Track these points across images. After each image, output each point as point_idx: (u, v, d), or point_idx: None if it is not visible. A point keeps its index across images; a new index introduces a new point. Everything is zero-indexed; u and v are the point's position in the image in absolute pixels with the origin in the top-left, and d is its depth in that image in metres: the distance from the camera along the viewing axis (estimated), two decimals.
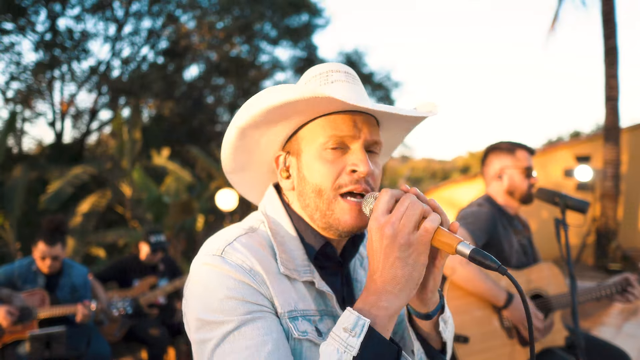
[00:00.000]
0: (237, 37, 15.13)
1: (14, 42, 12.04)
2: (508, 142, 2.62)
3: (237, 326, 0.97)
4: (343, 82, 1.14)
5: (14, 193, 9.54)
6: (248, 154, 1.22)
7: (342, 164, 1.07)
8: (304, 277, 1.10)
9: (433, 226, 0.91)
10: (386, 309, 0.92)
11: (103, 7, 12.75)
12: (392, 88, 19.39)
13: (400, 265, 0.91)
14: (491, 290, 2.28)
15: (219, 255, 1.04)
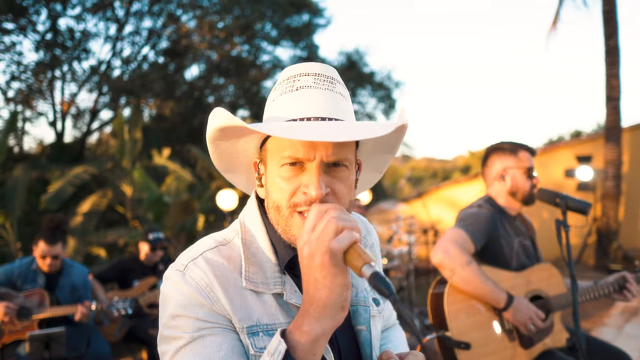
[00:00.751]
0: (238, 37, 15.13)
1: (15, 42, 12.05)
2: (510, 143, 2.61)
3: (186, 343, 1.00)
4: (310, 88, 1.07)
5: (14, 193, 9.55)
6: (230, 158, 1.20)
7: (298, 183, 1.03)
8: (273, 290, 1.08)
9: (338, 247, 0.84)
10: (308, 334, 0.89)
11: (104, 6, 12.76)
12: (393, 88, 19.38)
13: (317, 287, 0.87)
14: (491, 292, 2.28)
15: (181, 271, 1.06)
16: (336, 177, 1.04)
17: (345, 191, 1.05)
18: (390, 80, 19.26)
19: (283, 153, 1.03)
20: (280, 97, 1.09)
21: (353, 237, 0.85)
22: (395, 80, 19.43)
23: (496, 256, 2.48)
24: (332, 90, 1.08)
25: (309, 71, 1.09)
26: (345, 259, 0.86)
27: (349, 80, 18.15)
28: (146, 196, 10.12)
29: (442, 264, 2.34)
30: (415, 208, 11.40)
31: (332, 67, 1.14)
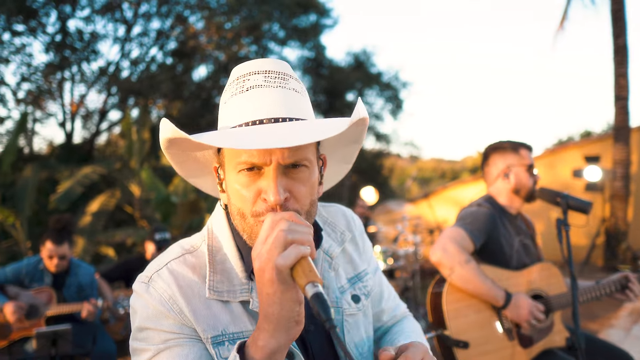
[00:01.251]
0: (245, 38, 15.18)
1: (25, 44, 12.19)
2: (509, 141, 2.62)
3: (153, 355, 1.01)
4: (261, 87, 1.03)
5: (24, 193, 9.66)
6: (191, 164, 1.18)
7: (256, 189, 1.00)
8: (240, 298, 1.08)
9: (284, 264, 0.82)
10: (262, 349, 0.87)
11: (112, 8, 12.86)
12: (400, 88, 19.38)
13: (269, 302, 0.86)
14: (490, 290, 2.28)
15: (145, 283, 1.07)
16: (295, 179, 1.01)
17: (305, 192, 1.02)
18: (397, 81, 19.29)
19: (239, 159, 1.00)
20: (231, 98, 1.05)
21: (299, 253, 0.83)
22: (403, 80, 19.49)
23: (496, 255, 2.48)
24: (285, 87, 1.05)
25: (258, 69, 1.05)
26: (292, 275, 0.83)
27: (356, 80, 18.17)
28: (154, 196, 10.19)
29: (441, 262, 2.35)
30: (422, 208, 11.39)
31: (286, 62, 1.11)
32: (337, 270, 1.26)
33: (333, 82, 17.80)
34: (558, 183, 10.22)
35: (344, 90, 18.33)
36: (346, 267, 1.29)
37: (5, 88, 12.29)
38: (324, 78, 18.36)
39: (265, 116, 0.99)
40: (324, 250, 1.25)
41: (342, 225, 1.36)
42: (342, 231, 1.33)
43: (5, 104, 12.62)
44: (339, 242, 1.30)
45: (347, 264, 1.30)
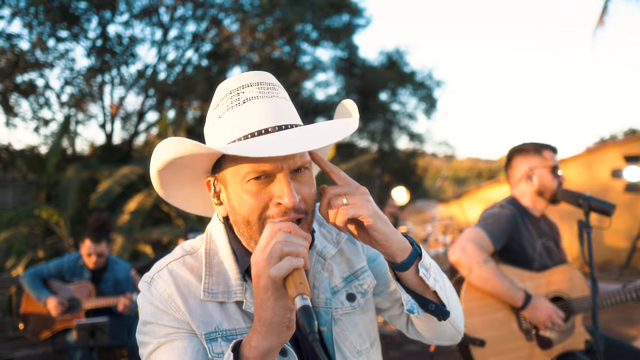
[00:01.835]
0: (279, 39, 15.36)
1: (68, 49, 12.70)
2: (533, 143, 2.61)
3: (156, 347, 1.10)
4: (257, 98, 1.07)
5: (67, 192, 10.08)
6: (175, 189, 1.23)
7: (268, 195, 1.04)
8: (234, 298, 1.14)
9: (277, 275, 0.88)
10: (255, 349, 0.94)
11: (150, 12, 13.24)
12: (434, 87, 19.17)
13: (263, 307, 0.92)
14: (508, 290, 2.28)
15: (147, 283, 1.16)
16: (302, 182, 1.07)
17: (311, 193, 1.09)
18: (431, 80, 19.07)
19: (247, 168, 1.03)
20: (227, 112, 1.08)
21: (292, 265, 0.88)
22: (437, 79, 19.23)
23: (518, 256, 2.48)
24: (277, 97, 1.09)
25: (250, 82, 1.09)
26: (284, 285, 0.89)
27: (389, 80, 18.08)
28: None
29: (459, 262, 2.37)
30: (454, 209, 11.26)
31: (267, 73, 1.14)
32: (331, 271, 1.28)
33: (366, 82, 17.78)
34: (596, 183, 9.94)
35: (377, 90, 18.28)
36: (342, 266, 1.32)
37: (50, 92, 12.84)
38: (356, 78, 18.36)
39: (270, 125, 1.04)
40: (317, 251, 1.28)
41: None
42: (338, 232, 1.35)
43: (50, 107, 13.19)
44: (335, 243, 1.32)
45: (343, 263, 1.32)
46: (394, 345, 5.63)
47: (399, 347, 5.60)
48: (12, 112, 12.70)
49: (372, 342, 1.32)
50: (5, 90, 12.31)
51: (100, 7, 12.46)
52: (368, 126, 19.33)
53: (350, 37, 17.66)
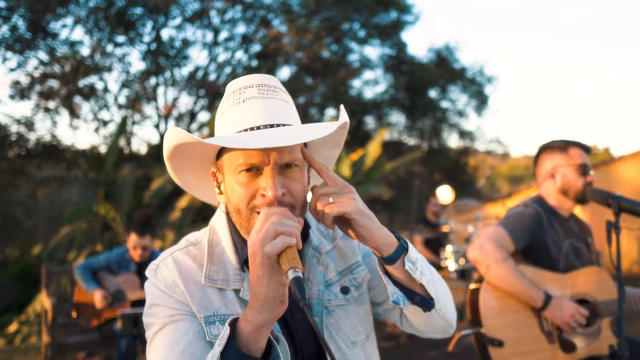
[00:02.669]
0: (326, 38, 15.45)
1: (125, 53, 13.34)
2: (561, 140, 2.53)
3: (160, 327, 1.18)
4: (255, 99, 1.16)
5: (123, 189, 10.61)
6: (185, 174, 1.33)
7: (255, 186, 1.13)
8: (232, 286, 1.22)
9: (272, 251, 0.96)
10: (250, 323, 1.00)
11: (201, 16, 13.68)
12: (485, 83, 18.67)
13: (258, 283, 0.99)
14: (528, 290, 2.24)
15: (154, 270, 1.26)
16: (290, 177, 1.14)
17: (299, 189, 1.16)
18: (482, 76, 18.57)
19: (239, 160, 1.13)
20: (228, 110, 1.18)
21: (286, 243, 0.96)
22: (488, 75, 18.70)
23: (542, 257, 2.43)
24: (276, 98, 1.18)
25: (252, 83, 1.19)
26: (278, 261, 0.97)
27: (438, 77, 17.80)
28: None
29: (477, 260, 2.34)
30: (501, 209, 10.97)
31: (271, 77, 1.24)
32: (327, 265, 1.34)
33: (414, 80, 17.55)
34: None
35: (425, 87, 18.01)
36: (337, 260, 1.37)
37: (109, 94, 13.53)
38: (405, 75, 18.17)
39: (262, 123, 1.13)
40: (314, 246, 1.35)
41: None
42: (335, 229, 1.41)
43: (109, 108, 13.90)
44: (331, 239, 1.39)
45: (339, 258, 1.38)
46: (434, 345, 5.60)
47: (438, 347, 5.56)
48: (75, 114, 13.48)
49: (368, 335, 1.37)
50: (69, 94, 13.08)
51: (153, 12, 12.98)
52: (417, 124, 19.11)
53: (399, 34, 17.50)
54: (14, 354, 5.85)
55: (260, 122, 1.13)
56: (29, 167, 13.82)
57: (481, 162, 30.76)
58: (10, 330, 9.53)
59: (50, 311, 4.23)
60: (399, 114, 19.29)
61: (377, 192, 11.18)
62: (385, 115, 18.94)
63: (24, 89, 12.43)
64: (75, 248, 10.21)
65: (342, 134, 1.30)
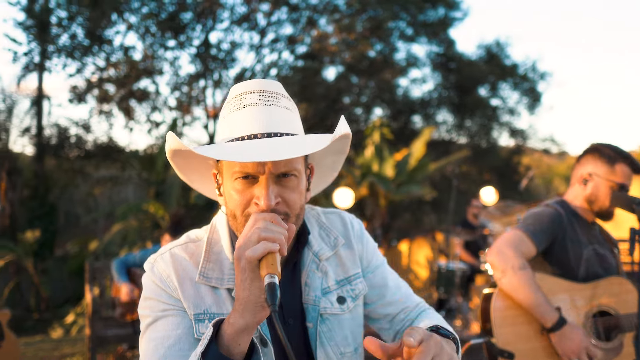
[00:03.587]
0: (372, 37, 15.36)
1: (176, 57, 13.81)
2: (615, 150, 2.31)
3: (153, 320, 1.20)
4: (256, 105, 1.17)
5: (172, 189, 11.01)
6: (190, 171, 1.36)
7: (250, 194, 1.15)
8: (226, 285, 1.24)
9: (252, 255, 0.98)
10: (232, 325, 1.02)
11: (248, 18, 13.94)
12: (538, 80, 17.95)
13: (241, 287, 1.01)
14: (539, 306, 2.11)
15: (151, 263, 1.27)
16: (286, 187, 1.16)
17: (295, 198, 1.17)
18: (535, 72, 17.87)
19: (235, 168, 1.15)
20: (229, 115, 1.20)
21: (267, 248, 0.98)
22: (541, 71, 17.96)
23: (561, 259, 2.30)
24: (277, 105, 1.18)
25: (254, 89, 1.19)
26: (259, 266, 0.99)
27: (488, 74, 17.30)
28: None
29: (494, 264, 2.25)
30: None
31: (274, 82, 1.23)
32: (326, 272, 1.36)
33: (463, 77, 17.14)
34: None
35: (475, 85, 17.55)
36: (337, 269, 1.39)
37: (160, 97, 14.05)
38: (453, 73, 17.78)
39: (259, 131, 1.14)
40: (313, 252, 1.36)
41: (338, 231, 1.45)
42: (336, 236, 1.42)
43: (161, 110, 14.43)
44: (332, 246, 1.40)
45: (338, 266, 1.39)
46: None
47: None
48: (130, 116, 14.09)
49: (357, 348, 1.37)
50: (123, 97, 13.70)
51: (202, 16, 13.36)
52: (465, 123, 18.65)
53: (447, 32, 17.15)
54: (63, 344, 6.22)
55: (257, 130, 1.14)
56: (88, 167, 14.61)
57: (537, 161, 29.67)
58: (67, 321, 10.12)
59: (90, 305, 4.46)
60: (446, 113, 18.92)
61: (419, 193, 11.02)
62: (433, 114, 18.62)
63: (81, 93, 13.12)
64: (127, 245, 10.68)
65: (344, 142, 1.30)
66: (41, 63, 13.07)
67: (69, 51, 12.65)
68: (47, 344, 6.22)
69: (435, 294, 6.51)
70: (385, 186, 10.98)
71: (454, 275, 6.16)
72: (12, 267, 12.62)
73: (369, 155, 11.77)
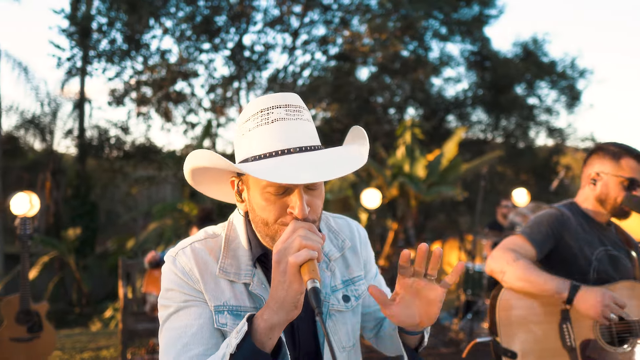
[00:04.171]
0: (405, 36, 15.28)
1: (211, 59, 14.11)
2: (618, 146, 2.30)
3: (175, 310, 1.29)
4: (284, 120, 1.22)
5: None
6: (202, 177, 1.41)
7: (284, 204, 1.22)
8: (243, 280, 1.32)
9: (295, 261, 1.07)
10: (265, 321, 1.11)
11: (281, 20, 14.11)
12: (577, 77, 17.39)
13: (279, 287, 1.10)
14: (547, 282, 2.06)
15: (173, 257, 1.35)
16: (314, 195, 1.25)
17: (320, 205, 1.27)
18: (574, 69, 17.33)
19: (269, 183, 1.21)
20: (256, 128, 1.24)
21: (308, 256, 1.07)
22: (581, 68, 17.38)
23: (568, 263, 2.27)
24: (301, 119, 1.24)
25: (279, 103, 1.23)
26: (300, 270, 1.08)
27: (524, 72, 16.91)
28: None
29: (492, 269, 2.25)
30: None
31: (294, 95, 1.29)
32: (334, 272, 1.46)
33: (498, 76, 16.81)
34: None
35: (510, 83, 17.17)
36: (343, 270, 1.49)
37: (195, 99, 14.40)
38: (488, 72, 17.47)
39: (292, 145, 1.20)
40: (324, 252, 1.46)
41: (345, 235, 1.55)
42: (343, 240, 1.52)
43: (196, 112, 14.78)
44: (339, 248, 1.50)
45: (344, 268, 1.50)
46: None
47: None
48: (168, 118, 14.51)
49: (354, 343, 1.48)
50: (160, 99, 14.11)
51: (236, 19, 13.61)
52: (501, 122, 18.29)
53: (481, 30, 16.87)
54: (99, 337, 6.49)
55: (290, 145, 1.20)
56: (126, 167, 15.12)
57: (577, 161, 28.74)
58: (105, 315, 10.53)
59: (122, 300, 4.66)
60: (481, 112, 18.60)
61: (450, 194, 10.91)
62: (468, 114, 18.34)
63: (120, 96, 13.60)
64: (163, 242, 11.01)
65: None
66: (83, 68, 13.65)
67: (109, 56, 13.14)
68: (84, 337, 6.51)
69: (463, 296, 6.46)
70: (415, 187, 10.92)
71: (481, 277, 6.11)
72: (57, 263, 13.23)
73: (400, 156, 11.73)
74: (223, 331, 1.28)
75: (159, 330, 1.33)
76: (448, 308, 7.40)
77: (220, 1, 13.39)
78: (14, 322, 4.21)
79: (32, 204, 4.42)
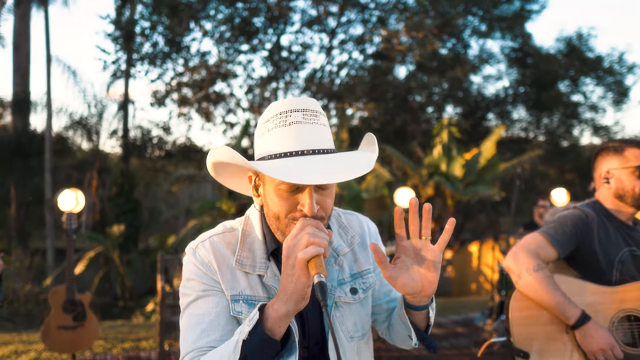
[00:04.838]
0: (443, 34, 15.11)
1: (249, 60, 14.38)
2: (618, 140, 2.31)
3: (195, 298, 1.39)
4: (301, 123, 1.28)
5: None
6: (223, 170, 1.50)
7: (295, 201, 1.29)
8: (258, 272, 1.41)
9: (303, 257, 1.14)
10: (276, 311, 1.19)
11: (318, 20, 14.22)
12: (625, 73, 16.67)
13: (288, 280, 1.18)
14: (559, 304, 2.08)
15: (193, 249, 1.44)
16: (324, 194, 1.31)
17: (330, 203, 1.34)
18: (621, 65, 16.63)
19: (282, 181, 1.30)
20: (274, 129, 1.31)
21: (316, 252, 1.15)
22: (629, 63, 16.67)
23: (590, 265, 2.25)
24: (317, 123, 1.32)
25: (297, 107, 1.31)
26: (307, 265, 1.16)
27: (568, 68, 16.39)
28: (346, 192, 11.06)
29: (510, 268, 2.25)
30: None
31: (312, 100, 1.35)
32: (342, 266, 1.52)
33: (540, 73, 16.34)
34: None
35: (554, 80, 16.66)
36: (352, 264, 1.55)
37: (234, 99, 14.70)
38: (530, 68, 17.00)
39: (306, 147, 1.28)
40: (333, 247, 1.53)
41: (355, 231, 1.61)
42: (353, 235, 1.59)
43: (235, 112, 15.10)
44: (348, 243, 1.56)
45: (353, 262, 1.56)
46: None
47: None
48: (209, 118, 14.88)
49: (364, 334, 1.54)
50: (200, 100, 14.49)
51: (274, 20, 13.82)
52: (542, 120, 17.79)
53: (523, 25, 16.46)
54: (139, 329, 6.78)
55: (304, 147, 1.28)
56: (168, 166, 15.61)
57: None
58: (147, 309, 10.92)
59: (160, 293, 4.86)
60: (522, 110, 18.15)
61: (487, 193, 10.74)
62: (508, 112, 17.94)
63: (162, 97, 14.05)
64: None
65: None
66: (127, 70, 14.18)
67: (151, 58, 13.61)
68: (126, 328, 6.82)
69: (497, 296, 6.37)
70: (452, 186, 10.81)
71: None
72: (102, 258, 13.81)
73: (437, 155, 11.63)
74: (238, 319, 1.37)
75: (180, 316, 1.43)
76: (482, 309, 7.32)
77: (258, 3, 13.63)
78: (61, 311, 4.48)
79: (77, 201, 4.67)
